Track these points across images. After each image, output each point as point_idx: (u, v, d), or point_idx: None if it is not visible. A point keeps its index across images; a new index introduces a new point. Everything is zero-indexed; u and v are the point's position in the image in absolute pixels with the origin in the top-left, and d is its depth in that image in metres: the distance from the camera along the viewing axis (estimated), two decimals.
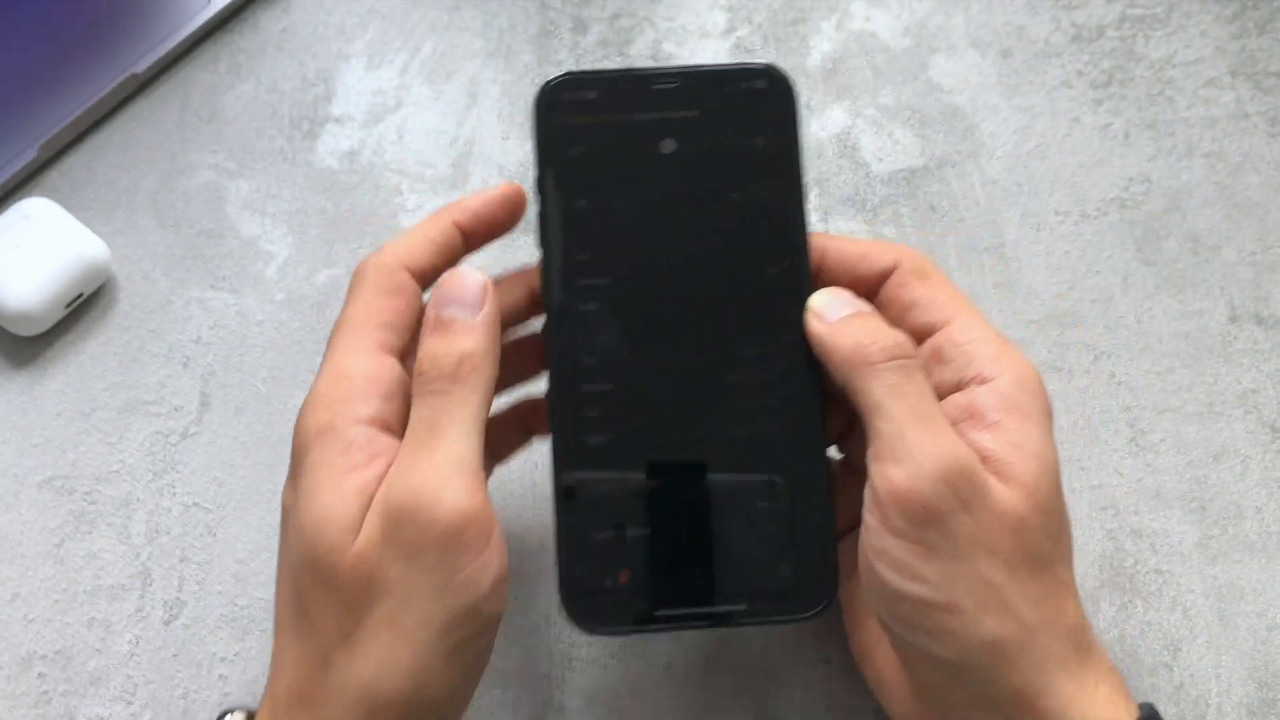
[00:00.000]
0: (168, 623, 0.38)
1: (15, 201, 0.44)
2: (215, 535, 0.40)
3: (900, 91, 0.49)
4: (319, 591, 0.28)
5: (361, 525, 0.28)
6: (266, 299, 0.44)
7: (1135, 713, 0.29)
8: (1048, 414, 0.31)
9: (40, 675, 0.38)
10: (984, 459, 0.29)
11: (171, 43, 0.48)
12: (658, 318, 0.32)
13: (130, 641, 0.38)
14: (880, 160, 0.47)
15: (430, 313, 0.31)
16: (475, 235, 0.34)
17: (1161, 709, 0.37)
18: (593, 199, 0.32)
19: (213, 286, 0.44)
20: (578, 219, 0.32)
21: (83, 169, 0.46)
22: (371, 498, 0.28)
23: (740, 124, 0.33)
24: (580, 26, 0.50)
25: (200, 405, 0.42)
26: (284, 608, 0.29)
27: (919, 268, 0.33)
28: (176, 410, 0.42)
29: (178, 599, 0.39)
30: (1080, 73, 0.49)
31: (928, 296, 0.32)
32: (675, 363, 0.32)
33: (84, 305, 0.44)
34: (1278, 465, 0.41)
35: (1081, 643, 0.30)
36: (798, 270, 0.32)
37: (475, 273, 0.31)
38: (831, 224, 0.46)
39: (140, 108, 0.48)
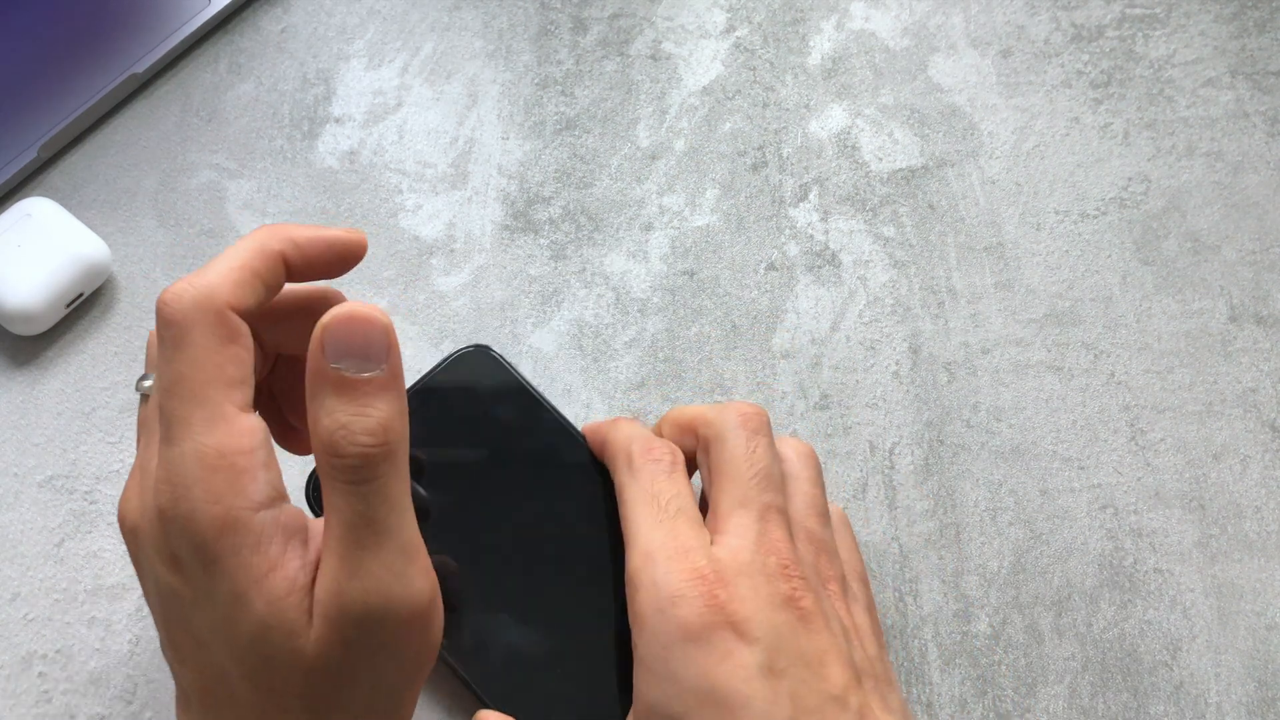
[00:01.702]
0: None
1: (16, 201, 0.44)
2: None
3: (900, 91, 0.49)
4: (277, 681, 0.26)
5: (306, 622, 0.26)
6: None
7: None
8: (681, 644, 0.29)
9: (40, 674, 0.38)
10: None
11: (171, 43, 0.48)
12: (540, 600, 0.34)
13: (130, 641, 0.38)
14: (880, 160, 0.47)
15: (322, 365, 0.25)
16: (296, 274, 0.29)
17: (1161, 709, 0.37)
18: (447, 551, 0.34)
19: None
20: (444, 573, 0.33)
21: (83, 169, 0.46)
22: (303, 588, 0.26)
23: (472, 403, 0.36)
24: (580, 26, 0.50)
25: None
26: (226, 682, 0.27)
27: (620, 492, 0.33)
28: None
29: None
30: (1080, 72, 0.49)
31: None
32: (581, 627, 0.34)
33: (84, 305, 0.44)
34: (1277, 465, 0.41)
35: None
36: (592, 470, 0.36)
37: (372, 310, 0.25)
38: (831, 223, 0.46)
39: (140, 108, 0.48)
